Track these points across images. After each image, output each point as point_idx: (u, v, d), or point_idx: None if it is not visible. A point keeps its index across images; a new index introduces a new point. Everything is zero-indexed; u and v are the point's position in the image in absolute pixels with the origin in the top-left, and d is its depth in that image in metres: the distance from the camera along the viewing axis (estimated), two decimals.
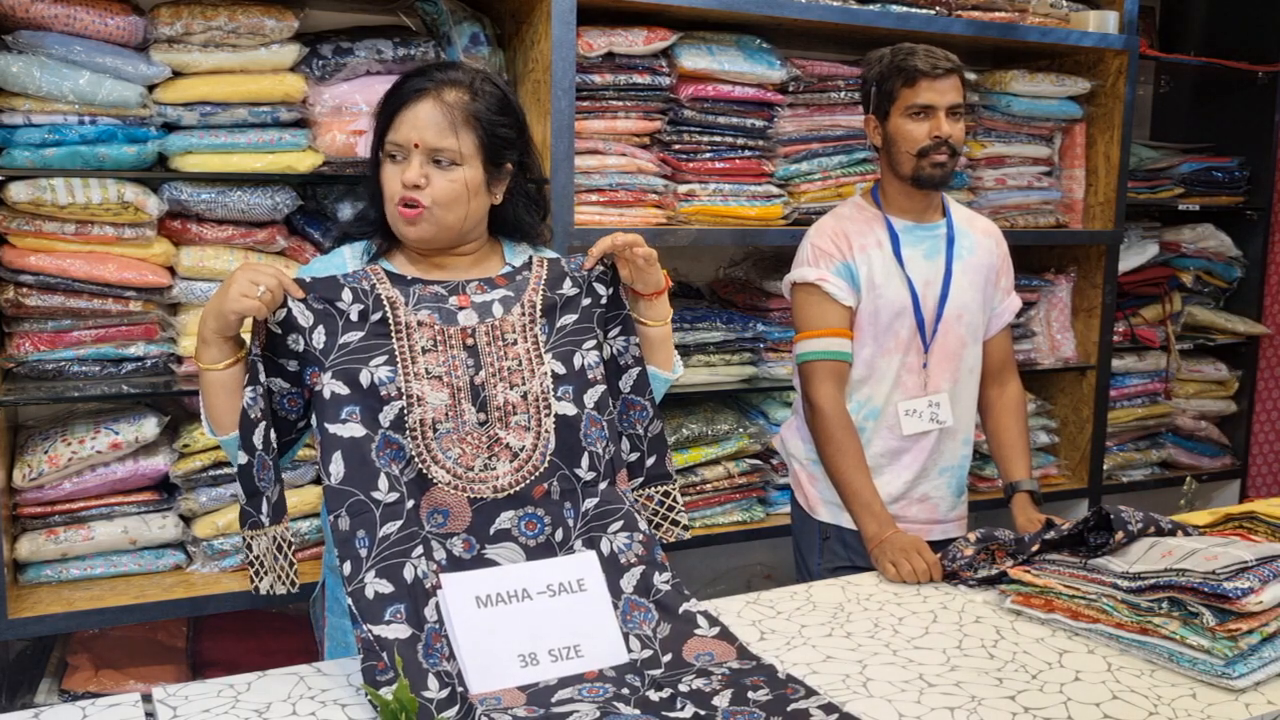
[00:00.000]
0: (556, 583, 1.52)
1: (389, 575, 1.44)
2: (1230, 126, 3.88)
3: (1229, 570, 1.52)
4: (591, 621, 1.51)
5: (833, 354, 2.20)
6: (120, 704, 1.39)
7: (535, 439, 1.56)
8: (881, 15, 2.87)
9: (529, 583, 1.50)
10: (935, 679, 1.49)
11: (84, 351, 2.34)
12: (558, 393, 1.59)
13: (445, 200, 1.60)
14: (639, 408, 1.68)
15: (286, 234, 2.47)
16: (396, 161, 1.61)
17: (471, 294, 1.61)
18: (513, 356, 1.58)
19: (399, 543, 1.46)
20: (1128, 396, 3.67)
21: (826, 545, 2.32)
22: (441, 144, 1.59)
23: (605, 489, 1.60)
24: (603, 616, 1.52)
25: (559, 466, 1.57)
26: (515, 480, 1.54)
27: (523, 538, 1.53)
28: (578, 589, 1.52)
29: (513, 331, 1.59)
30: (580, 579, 1.53)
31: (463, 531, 1.51)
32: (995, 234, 2.40)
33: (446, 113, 1.59)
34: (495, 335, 1.58)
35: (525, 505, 1.54)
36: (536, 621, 1.48)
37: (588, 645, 1.49)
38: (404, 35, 2.51)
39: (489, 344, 1.57)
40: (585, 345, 1.63)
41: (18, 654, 2.54)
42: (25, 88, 2.20)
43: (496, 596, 1.48)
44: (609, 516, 1.59)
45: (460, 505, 1.51)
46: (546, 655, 1.46)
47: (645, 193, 2.74)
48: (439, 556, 1.49)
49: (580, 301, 1.65)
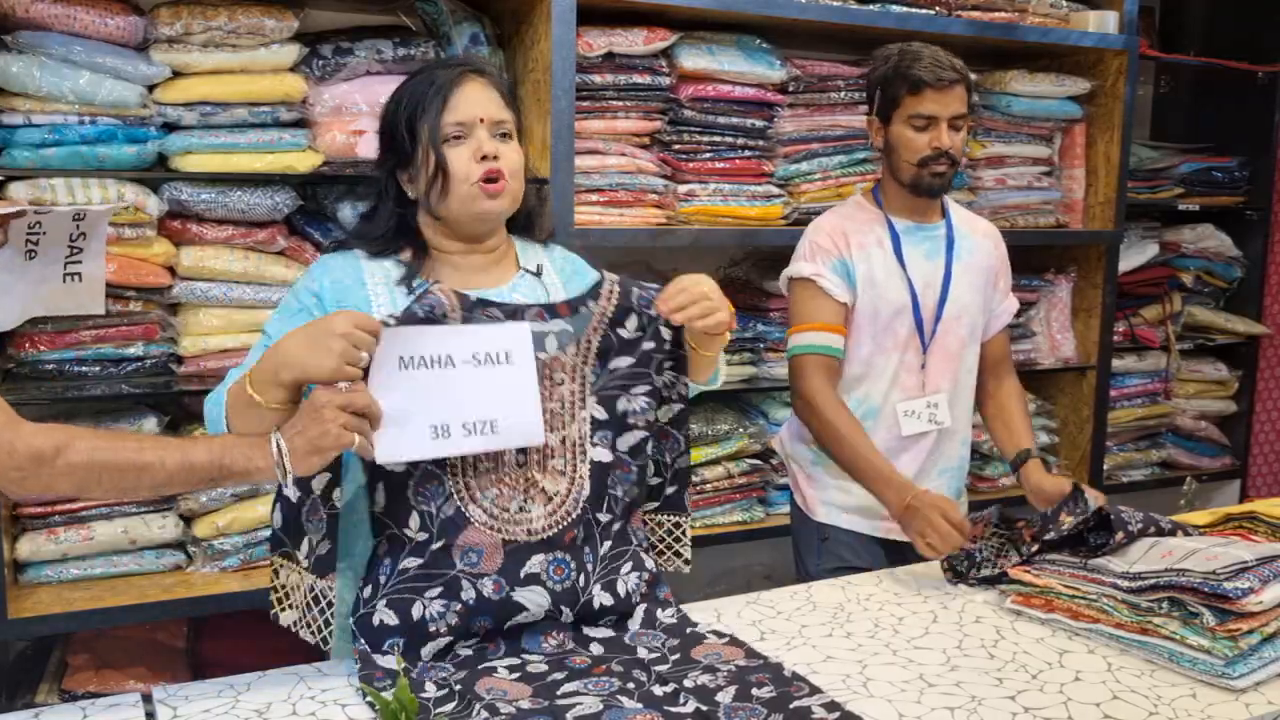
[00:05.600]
0: (483, 352, 1.45)
1: (397, 609, 1.45)
2: (1230, 126, 3.88)
3: (1229, 570, 1.52)
4: (512, 397, 1.45)
5: (824, 349, 2.20)
6: (120, 704, 1.39)
7: (570, 484, 1.54)
8: (881, 15, 2.87)
9: (454, 348, 1.44)
10: (935, 679, 1.49)
11: (84, 351, 2.34)
12: (594, 438, 1.55)
13: (516, 170, 1.60)
14: (672, 439, 1.64)
15: (286, 234, 2.47)
16: (461, 141, 1.57)
17: (531, 320, 1.53)
18: (557, 398, 1.54)
19: (416, 579, 1.46)
20: (1128, 396, 3.67)
21: (825, 546, 2.32)
22: (503, 115, 1.59)
23: (618, 529, 1.57)
24: (524, 393, 1.47)
25: (587, 512, 1.54)
26: (548, 525, 1.51)
27: (550, 582, 1.50)
28: (504, 360, 1.46)
29: (563, 371, 1.54)
30: (508, 350, 1.46)
31: (494, 573, 1.48)
32: (994, 235, 2.40)
33: (493, 90, 1.60)
34: (545, 374, 1.53)
35: (555, 550, 1.51)
36: (455, 391, 1.42)
37: (504, 423, 1.45)
38: (404, 35, 2.51)
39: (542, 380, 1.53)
40: (635, 390, 1.58)
41: (18, 654, 2.54)
42: (25, 88, 2.20)
43: (419, 359, 1.41)
44: (620, 558, 1.57)
45: (494, 546, 1.48)
46: (459, 429, 1.42)
47: (645, 193, 2.74)
48: (467, 596, 1.46)
49: (641, 346, 1.58)
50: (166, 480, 1.35)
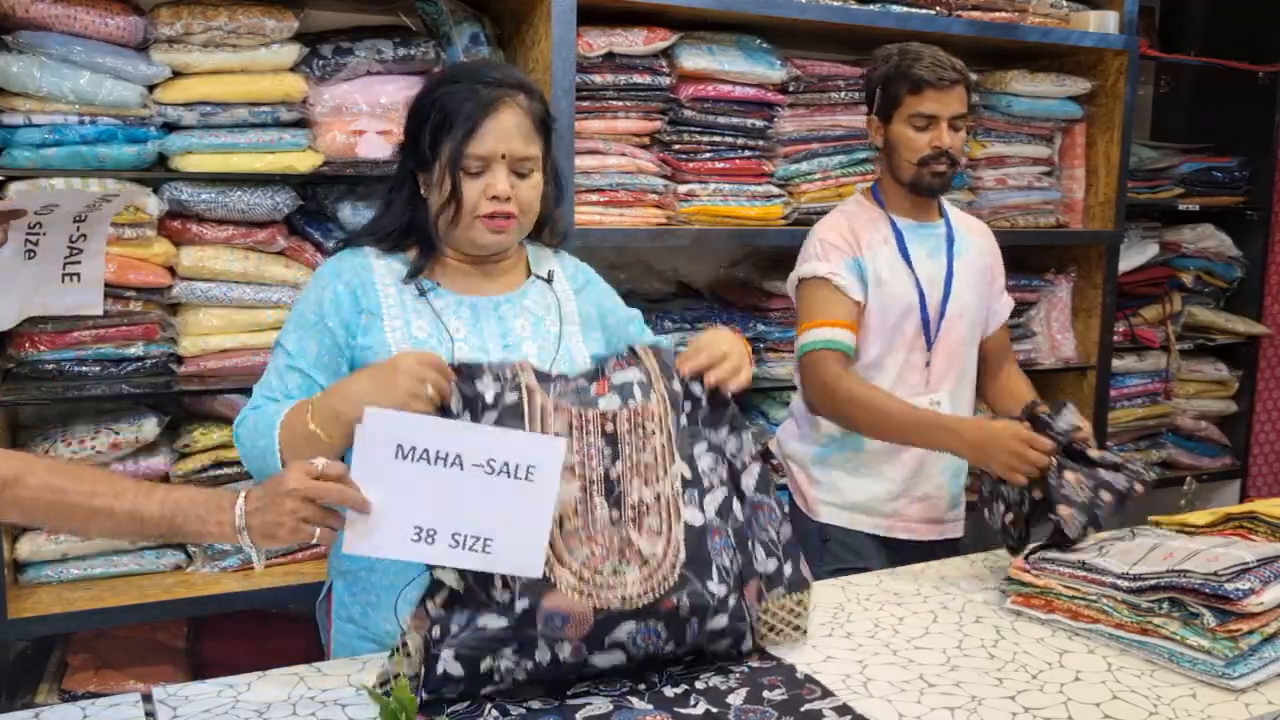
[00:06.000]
0: (502, 462, 1.28)
1: (466, 664, 1.33)
2: (1230, 126, 3.88)
3: (1230, 571, 1.52)
4: (518, 519, 1.29)
5: (838, 344, 2.17)
6: (120, 704, 1.39)
7: (666, 545, 1.40)
8: (881, 15, 2.87)
9: (468, 449, 1.28)
10: (935, 679, 1.49)
11: (84, 351, 2.34)
12: (685, 496, 1.43)
13: (529, 207, 1.60)
14: (766, 508, 1.54)
15: (286, 234, 2.47)
16: (475, 174, 1.55)
17: (610, 373, 1.48)
18: (650, 450, 1.43)
19: (494, 638, 1.33)
20: (1128, 396, 3.67)
21: (827, 548, 2.32)
22: (527, 151, 1.56)
23: (734, 604, 1.44)
24: (535, 518, 1.30)
25: (689, 580, 1.39)
26: (644, 590, 1.36)
27: (634, 649, 1.38)
28: (523, 476, 1.29)
29: (653, 421, 1.44)
30: (532, 466, 1.29)
31: (577, 639, 1.35)
32: (987, 234, 2.42)
33: (525, 120, 1.56)
34: (636, 423, 1.44)
35: (650, 619, 1.37)
36: (455, 497, 1.27)
37: (500, 544, 1.29)
38: (404, 35, 2.51)
39: (629, 431, 1.43)
40: (697, 449, 1.49)
41: (18, 654, 2.54)
42: (25, 88, 2.20)
43: (421, 453, 1.27)
44: (724, 636, 1.45)
45: (584, 613, 1.33)
46: (447, 538, 1.28)
47: (645, 193, 2.74)
48: (542, 657, 1.34)
49: (683, 403, 1.50)
50: (115, 529, 1.31)
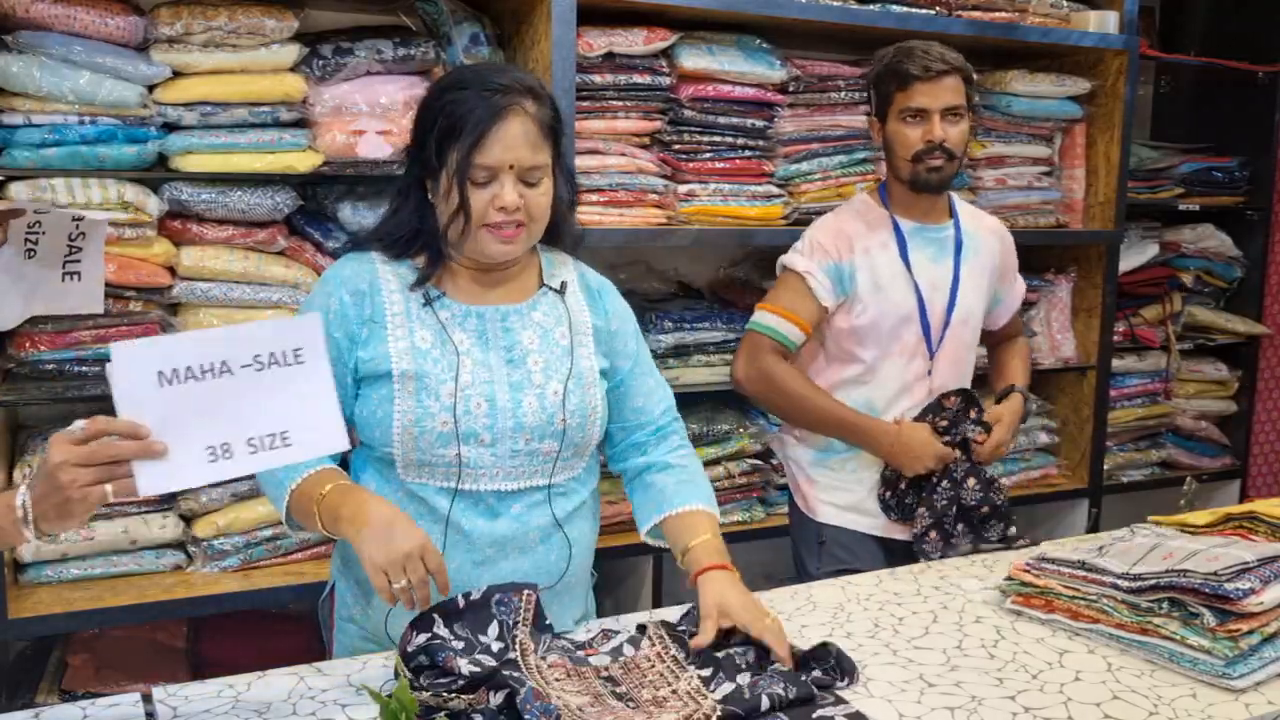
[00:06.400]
0: (266, 353, 1.26)
1: None
2: (1230, 126, 3.88)
3: (1231, 571, 1.52)
4: (305, 404, 1.27)
5: (783, 336, 2.23)
6: (120, 704, 1.39)
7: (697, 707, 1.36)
8: (881, 15, 2.87)
9: (230, 354, 1.24)
10: (935, 679, 1.49)
11: (84, 351, 2.33)
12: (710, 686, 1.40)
13: (539, 216, 1.58)
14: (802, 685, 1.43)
15: (287, 234, 2.47)
16: (483, 184, 1.53)
17: (598, 644, 1.52)
18: (655, 672, 1.45)
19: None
20: (1128, 396, 3.67)
21: (824, 549, 2.32)
22: (535, 162, 1.54)
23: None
24: (320, 396, 1.28)
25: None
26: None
27: None
28: (292, 362, 1.27)
29: (647, 661, 1.48)
30: (297, 349, 1.27)
31: None
32: (1000, 230, 2.41)
33: (532, 127, 1.54)
34: (631, 667, 1.47)
35: None
36: (235, 403, 1.24)
37: (298, 433, 1.27)
38: (404, 35, 2.51)
39: (625, 674, 1.45)
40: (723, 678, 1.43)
41: (18, 654, 2.54)
42: (25, 88, 2.20)
43: (184, 372, 1.21)
44: None
45: None
46: (244, 446, 1.24)
47: (645, 193, 2.74)
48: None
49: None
50: None
